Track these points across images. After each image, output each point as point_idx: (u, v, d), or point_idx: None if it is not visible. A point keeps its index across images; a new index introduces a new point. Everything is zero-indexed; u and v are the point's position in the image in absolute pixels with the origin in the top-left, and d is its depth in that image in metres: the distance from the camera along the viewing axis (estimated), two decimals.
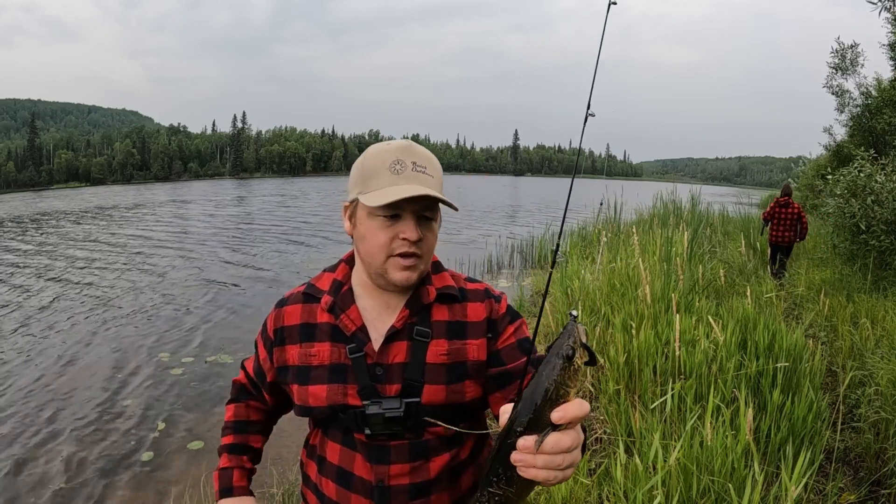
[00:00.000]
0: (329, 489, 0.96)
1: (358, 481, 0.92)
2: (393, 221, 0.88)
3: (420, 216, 0.89)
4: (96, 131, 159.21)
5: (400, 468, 0.91)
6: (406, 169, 0.88)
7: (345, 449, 0.94)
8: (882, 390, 3.03)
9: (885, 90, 10.44)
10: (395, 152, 0.90)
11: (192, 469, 3.57)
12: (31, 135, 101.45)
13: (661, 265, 5.13)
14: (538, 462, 0.62)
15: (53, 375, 5.19)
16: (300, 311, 0.98)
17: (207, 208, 28.00)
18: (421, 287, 0.95)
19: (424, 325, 0.94)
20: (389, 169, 0.88)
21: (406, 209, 0.88)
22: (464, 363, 0.94)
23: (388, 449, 0.91)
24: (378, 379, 0.91)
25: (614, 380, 3.35)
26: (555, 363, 0.61)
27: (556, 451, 0.61)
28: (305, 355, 0.95)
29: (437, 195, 0.86)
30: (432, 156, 0.95)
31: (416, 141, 0.97)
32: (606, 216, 9.54)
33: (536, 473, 0.62)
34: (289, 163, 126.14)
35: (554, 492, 2.47)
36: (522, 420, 0.62)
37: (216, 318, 7.03)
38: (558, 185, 29.75)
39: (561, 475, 0.64)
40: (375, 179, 0.88)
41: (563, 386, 0.61)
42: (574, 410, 0.61)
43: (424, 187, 0.87)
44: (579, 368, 0.61)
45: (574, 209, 13.07)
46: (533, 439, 0.61)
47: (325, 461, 0.96)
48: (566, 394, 0.61)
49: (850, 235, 6.46)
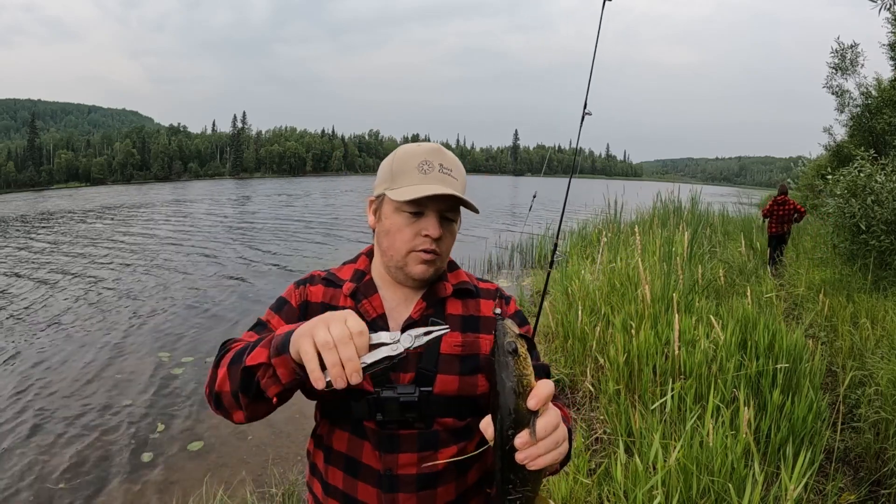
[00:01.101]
0: (336, 478, 0.97)
1: (366, 469, 0.94)
2: (417, 218, 0.93)
3: (442, 216, 0.94)
4: (96, 131, 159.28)
5: (408, 458, 0.92)
6: (433, 170, 0.93)
7: (353, 437, 0.95)
8: (882, 390, 3.03)
9: (885, 90, 10.44)
10: (424, 154, 0.95)
11: (193, 469, 3.57)
12: (31, 135, 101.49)
13: (660, 265, 5.13)
14: (541, 449, 0.67)
15: (54, 375, 5.20)
16: (322, 292, 1.01)
17: (213, 207, 28.01)
18: (437, 282, 1.00)
19: (439, 317, 0.97)
20: (418, 168, 0.93)
21: (430, 207, 0.93)
22: (477, 356, 0.97)
23: (397, 438, 0.92)
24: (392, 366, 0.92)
25: (614, 380, 3.35)
26: (506, 362, 0.67)
27: (548, 431, 0.67)
28: None
29: (460, 196, 0.92)
30: (459, 162, 1.00)
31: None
32: (606, 216, 9.55)
33: (544, 460, 0.68)
34: (289, 163, 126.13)
35: (554, 492, 2.48)
36: (507, 423, 0.67)
37: (217, 318, 7.04)
38: (558, 184, 30.12)
39: (558, 453, 0.70)
40: (404, 177, 0.94)
41: (523, 376, 0.67)
42: (544, 391, 0.67)
43: (449, 188, 0.92)
44: (525, 355, 0.68)
45: (574, 210, 13.09)
46: (527, 433, 0.66)
47: (333, 450, 0.97)
48: (529, 381, 0.67)
49: (850, 235, 6.45)
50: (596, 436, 3.15)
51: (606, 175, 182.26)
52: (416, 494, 0.92)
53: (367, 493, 0.94)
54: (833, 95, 11.83)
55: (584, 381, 3.72)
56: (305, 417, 4.24)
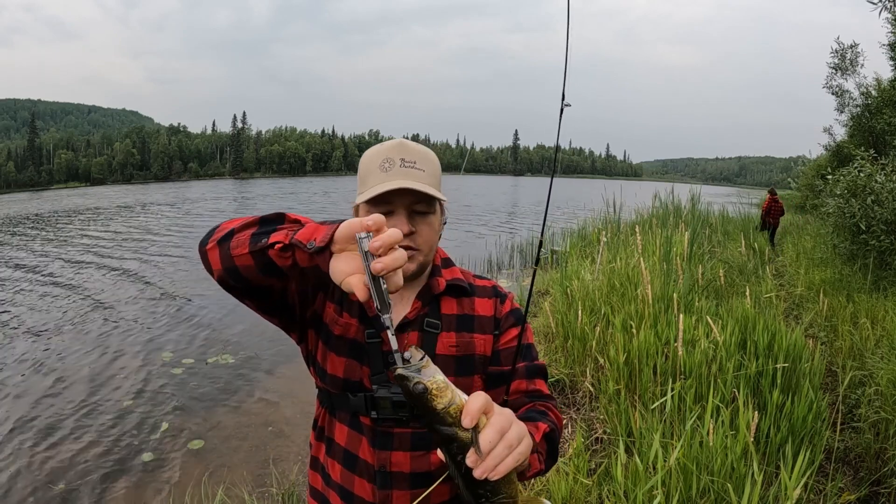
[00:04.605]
0: (335, 471, 0.98)
1: (363, 464, 0.95)
2: (388, 217, 0.91)
3: (413, 210, 0.93)
4: (96, 131, 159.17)
5: (401, 456, 0.94)
6: (394, 166, 0.92)
7: (352, 432, 0.96)
8: (882, 390, 3.03)
9: (885, 90, 10.43)
10: (386, 151, 0.94)
11: (193, 469, 3.58)
12: (31, 135, 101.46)
13: (660, 265, 5.13)
14: (494, 459, 0.67)
15: (55, 375, 5.20)
16: None
17: (218, 206, 27.99)
18: (431, 278, 1.00)
19: (434, 316, 0.98)
20: (379, 167, 0.92)
21: (396, 204, 0.91)
22: (472, 356, 0.98)
23: (391, 436, 0.94)
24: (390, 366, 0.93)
25: (614, 380, 3.35)
26: (425, 405, 0.67)
27: (493, 443, 0.67)
28: (334, 321, 0.97)
29: (417, 188, 0.89)
30: (426, 151, 0.98)
31: (416, 141, 0.99)
32: (606, 216, 9.55)
33: (503, 467, 0.68)
34: (289, 163, 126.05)
35: (554, 492, 2.48)
36: (454, 450, 0.69)
37: (218, 319, 7.04)
38: (558, 184, 29.88)
39: (518, 454, 0.69)
40: (369, 178, 0.93)
41: (448, 407, 0.67)
42: (474, 406, 0.67)
43: (410, 181, 0.90)
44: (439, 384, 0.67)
45: (575, 210, 13.09)
46: (473, 452, 0.67)
47: (334, 443, 0.99)
48: (456, 408, 0.67)
49: (850, 235, 6.45)
50: (596, 436, 3.16)
51: (606, 175, 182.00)
52: (409, 492, 0.93)
53: (363, 489, 0.95)
54: (833, 95, 11.84)
55: (584, 381, 3.72)
56: (305, 418, 4.24)
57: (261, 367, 5.42)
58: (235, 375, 5.22)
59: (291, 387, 4.93)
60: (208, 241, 0.83)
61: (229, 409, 4.51)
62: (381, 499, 0.94)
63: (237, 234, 0.79)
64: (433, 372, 0.68)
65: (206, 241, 0.83)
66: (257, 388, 4.93)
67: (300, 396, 4.69)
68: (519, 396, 1.02)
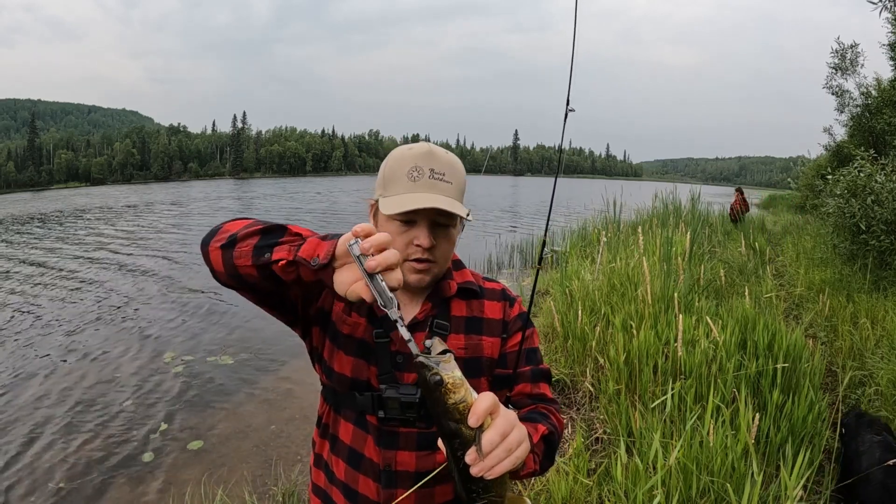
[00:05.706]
0: (339, 468, 0.98)
1: (367, 463, 0.95)
2: (408, 227, 0.91)
3: (435, 223, 0.92)
4: (96, 131, 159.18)
5: (407, 455, 0.94)
6: (423, 176, 0.90)
7: (357, 430, 0.97)
8: (882, 390, 3.03)
9: (885, 90, 10.41)
10: (414, 158, 0.92)
11: (193, 469, 3.58)
12: (31, 135, 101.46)
13: (660, 265, 5.12)
14: (493, 460, 0.69)
15: (55, 374, 5.20)
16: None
17: (221, 205, 27.98)
18: (442, 281, 1.00)
19: (444, 318, 0.98)
20: (407, 175, 0.91)
21: (421, 215, 0.91)
22: (479, 359, 0.99)
23: (397, 435, 0.94)
24: (398, 366, 0.94)
25: (614, 380, 3.35)
26: (437, 397, 0.69)
27: (494, 444, 0.69)
28: (343, 320, 0.98)
29: (447, 208, 0.88)
30: (454, 161, 0.96)
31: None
32: (606, 216, 9.54)
33: (500, 468, 0.70)
34: (289, 163, 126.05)
35: (554, 492, 2.48)
36: (455, 446, 0.72)
37: (219, 319, 7.04)
38: (559, 185, 29.61)
39: (515, 458, 0.71)
40: (394, 185, 0.92)
41: (458, 403, 0.69)
42: (481, 407, 0.69)
43: (439, 196, 0.89)
44: (455, 380, 0.69)
45: (575, 210, 13.09)
46: (474, 451, 0.70)
47: (338, 440, 0.99)
48: (465, 406, 0.69)
49: (850, 235, 6.44)
50: (596, 436, 3.16)
51: (606, 175, 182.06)
52: (414, 492, 0.93)
53: (368, 487, 0.95)
54: (833, 95, 11.81)
55: (584, 381, 3.72)
56: (306, 418, 4.25)
57: (261, 367, 5.42)
58: (236, 375, 5.22)
59: (291, 387, 4.93)
60: (210, 241, 0.84)
61: (229, 409, 4.51)
62: (385, 497, 0.94)
63: (240, 242, 0.79)
64: (452, 367, 0.70)
65: (208, 241, 0.85)
66: (257, 388, 4.94)
67: (300, 396, 4.69)
68: (522, 398, 1.03)
